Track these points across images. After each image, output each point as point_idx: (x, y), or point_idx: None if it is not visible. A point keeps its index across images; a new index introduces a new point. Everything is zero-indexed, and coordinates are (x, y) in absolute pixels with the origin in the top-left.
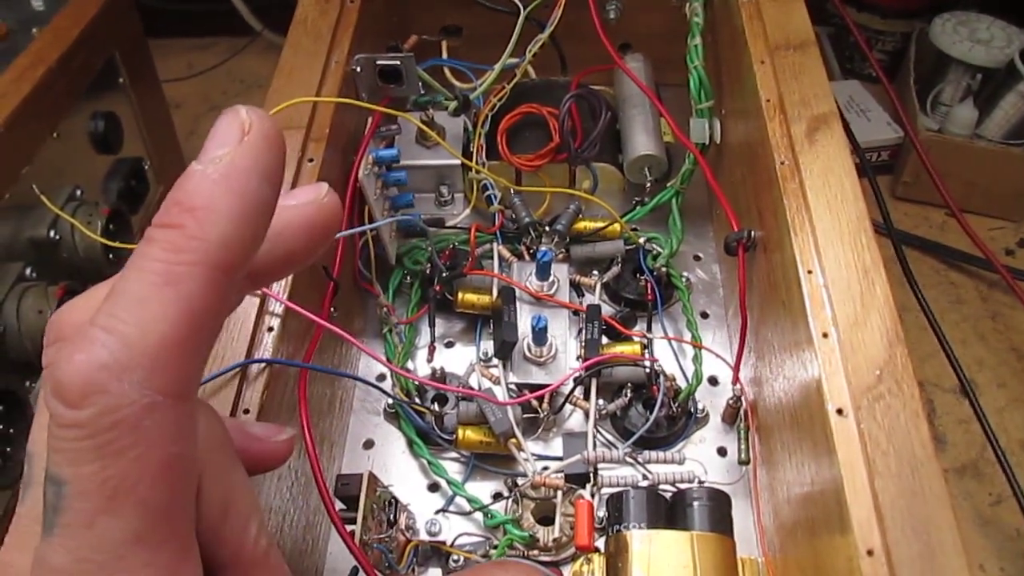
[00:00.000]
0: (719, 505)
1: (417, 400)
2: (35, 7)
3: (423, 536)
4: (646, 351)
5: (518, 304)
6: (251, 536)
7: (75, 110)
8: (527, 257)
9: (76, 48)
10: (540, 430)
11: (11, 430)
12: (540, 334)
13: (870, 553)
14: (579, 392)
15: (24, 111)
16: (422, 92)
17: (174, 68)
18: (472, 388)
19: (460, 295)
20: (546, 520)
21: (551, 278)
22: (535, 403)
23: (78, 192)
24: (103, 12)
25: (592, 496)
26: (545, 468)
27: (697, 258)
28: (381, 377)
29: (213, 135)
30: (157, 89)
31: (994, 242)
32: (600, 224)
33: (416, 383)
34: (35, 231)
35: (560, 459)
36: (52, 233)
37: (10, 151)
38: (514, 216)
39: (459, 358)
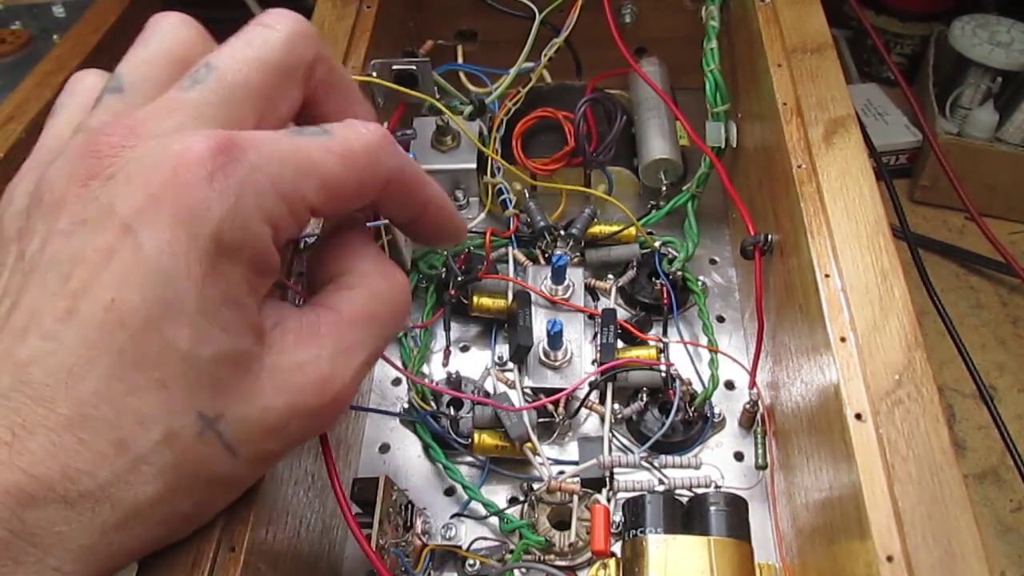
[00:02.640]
0: (736, 510)
1: (433, 404)
2: (56, 14)
3: (439, 540)
4: (662, 355)
5: (533, 308)
6: None
7: None
8: (542, 261)
9: (96, 54)
10: (555, 434)
11: None
12: (555, 338)
13: (890, 559)
14: (595, 396)
15: (46, 117)
16: (437, 96)
17: None
18: (488, 392)
19: (475, 299)
20: (562, 524)
21: (566, 282)
22: (550, 407)
23: None
24: (123, 19)
25: (608, 501)
26: (561, 472)
27: (713, 262)
28: (396, 381)
29: None
30: None
31: (1014, 246)
32: (615, 228)
33: (431, 388)
34: None
35: (576, 463)
36: None
37: None
38: (529, 220)
39: (474, 362)
